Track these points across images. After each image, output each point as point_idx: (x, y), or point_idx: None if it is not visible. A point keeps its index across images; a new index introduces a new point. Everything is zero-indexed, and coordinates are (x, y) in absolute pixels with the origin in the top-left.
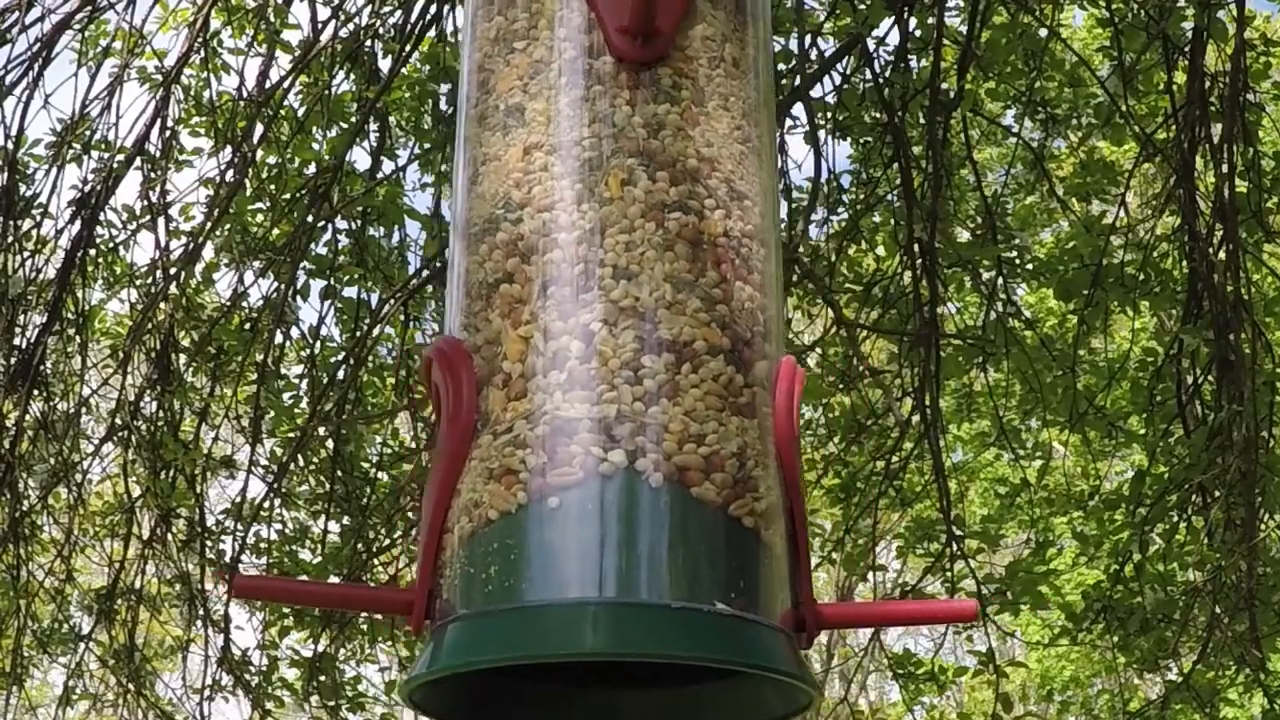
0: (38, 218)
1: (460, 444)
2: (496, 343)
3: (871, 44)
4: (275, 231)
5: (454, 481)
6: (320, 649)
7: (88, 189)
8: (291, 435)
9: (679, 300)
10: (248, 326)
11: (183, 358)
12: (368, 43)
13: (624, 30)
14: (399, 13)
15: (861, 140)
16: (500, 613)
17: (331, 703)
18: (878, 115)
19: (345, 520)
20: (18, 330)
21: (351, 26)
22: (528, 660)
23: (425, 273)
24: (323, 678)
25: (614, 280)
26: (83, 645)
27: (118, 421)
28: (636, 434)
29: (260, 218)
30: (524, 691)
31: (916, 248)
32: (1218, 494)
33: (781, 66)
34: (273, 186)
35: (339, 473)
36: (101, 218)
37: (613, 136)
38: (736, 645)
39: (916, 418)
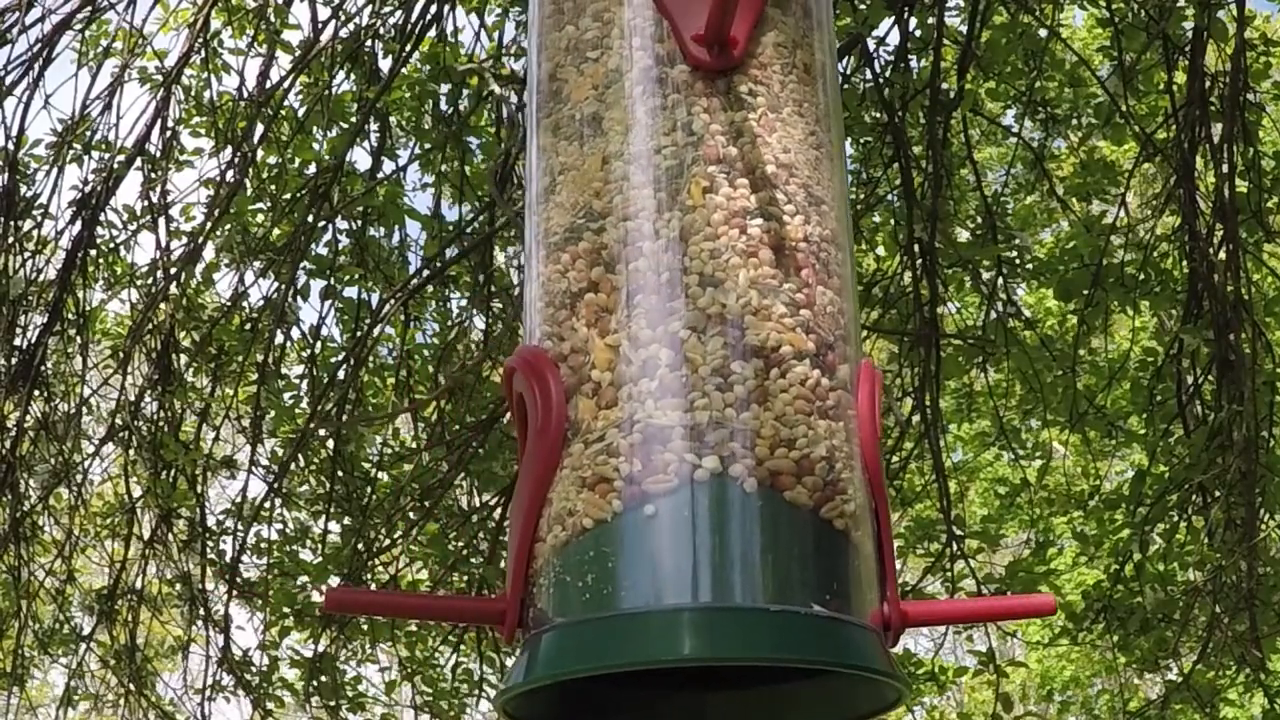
0: (38, 218)
1: (551, 453)
2: (584, 351)
3: (872, 44)
4: (275, 232)
5: (545, 491)
6: (320, 649)
7: (88, 189)
8: (292, 435)
9: (764, 306)
10: (248, 327)
11: (183, 358)
12: (368, 43)
13: (699, 39)
14: (399, 13)
15: (862, 140)
16: (600, 620)
17: (332, 703)
18: (878, 115)
19: (346, 520)
20: (18, 331)
21: (352, 26)
22: (630, 667)
23: (425, 273)
24: (324, 678)
25: (700, 288)
26: (83, 645)
27: (118, 422)
28: (729, 440)
29: (260, 218)
30: (617, 696)
31: (916, 248)
32: (1218, 494)
33: None
34: (273, 186)
35: (339, 473)
36: (102, 218)
37: (692, 145)
38: (833, 646)
39: (916, 418)
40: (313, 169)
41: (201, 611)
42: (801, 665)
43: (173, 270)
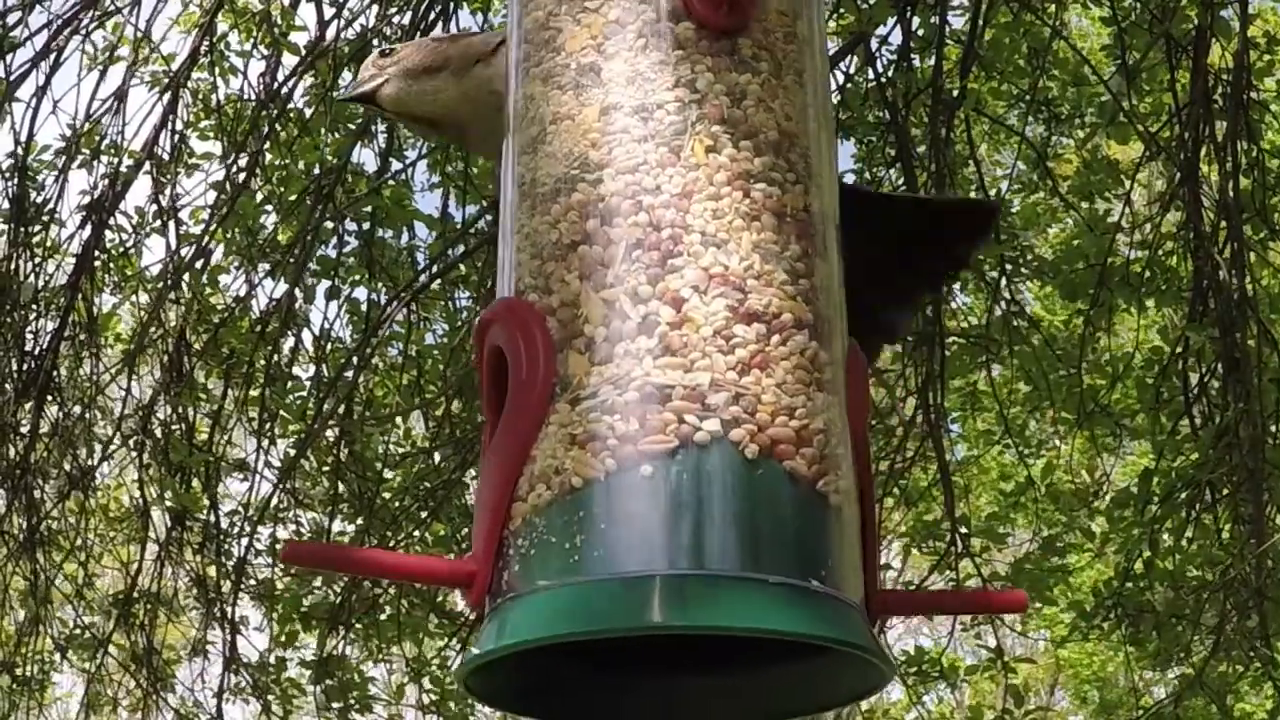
0: (46, 223)
1: (538, 408)
2: (575, 305)
3: (874, 43)
4: (281, 237)
5: (528, 448)
6: (328, 651)
7: (98, 194)
8: (301, 435)
9: (767, 271)
10: (257, 329)
11: (195, 361)
12: (373, 43)
13: None
14: (405, 14)
15: (865, 139)
16: (589, 584)
17: (340, 704)
18: (881, 114)
19: (359, 521)
20: (30, 336)
21: (357, 27)
22: (620, 634)
23: (430, 273)
24: (330, 681)
25: (703, 247)
26: (101, 650)
27: (131, 426)
28: (731, 404)
29: (264, 219)
30: (587, 678)
31: None
32: (1225, 491)
33: None
34: (280, 189)
35: (349, 473)
36: (111, 222)
37: (696, 102)
38: (834, 623)
39: (920, 417)
40: (317, 170)
41: (216, 613)
42: (807, 641)
43: (176, 273)
